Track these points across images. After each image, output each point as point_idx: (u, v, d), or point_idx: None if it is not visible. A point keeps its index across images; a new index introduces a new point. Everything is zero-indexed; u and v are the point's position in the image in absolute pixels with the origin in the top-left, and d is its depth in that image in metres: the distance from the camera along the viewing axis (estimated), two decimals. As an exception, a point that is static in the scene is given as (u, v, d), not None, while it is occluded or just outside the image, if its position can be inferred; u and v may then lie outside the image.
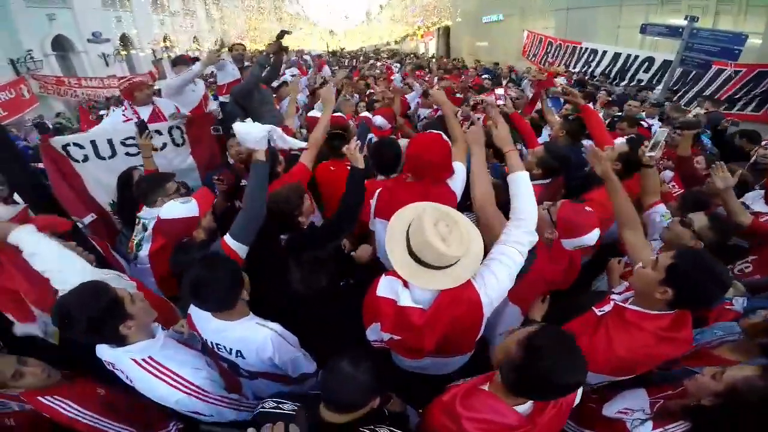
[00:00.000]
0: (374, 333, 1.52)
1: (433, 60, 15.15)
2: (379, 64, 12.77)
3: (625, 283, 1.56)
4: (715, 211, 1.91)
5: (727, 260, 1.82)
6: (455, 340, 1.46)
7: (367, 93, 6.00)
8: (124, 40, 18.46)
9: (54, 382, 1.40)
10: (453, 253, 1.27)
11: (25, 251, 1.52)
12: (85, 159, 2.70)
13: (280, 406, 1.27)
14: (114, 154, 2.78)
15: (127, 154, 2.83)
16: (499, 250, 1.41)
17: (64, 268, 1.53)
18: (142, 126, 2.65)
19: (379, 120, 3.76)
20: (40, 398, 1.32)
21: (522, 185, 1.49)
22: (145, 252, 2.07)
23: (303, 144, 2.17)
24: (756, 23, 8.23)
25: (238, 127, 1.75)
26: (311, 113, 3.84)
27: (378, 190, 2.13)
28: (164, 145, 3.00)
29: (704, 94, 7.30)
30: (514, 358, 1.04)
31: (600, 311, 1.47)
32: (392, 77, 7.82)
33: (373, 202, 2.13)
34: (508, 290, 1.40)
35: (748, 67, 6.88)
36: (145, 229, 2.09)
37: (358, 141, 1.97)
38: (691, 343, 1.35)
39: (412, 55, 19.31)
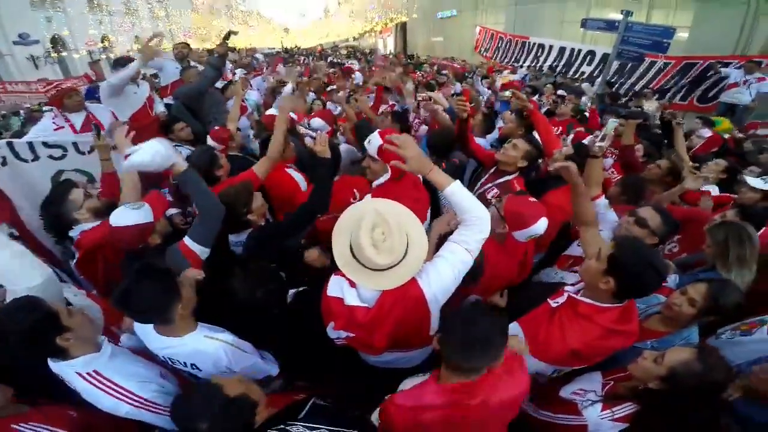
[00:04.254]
0: (332, 332, 1.52)
1: (391, 56, 15.21)
2: (336, 61, 12.66)
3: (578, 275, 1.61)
4: (659, 205, 2.00)
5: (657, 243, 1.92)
6: (406, 336, 1.48)
7: (327, 89, 5.92)
8: (56, 42, 17.11)
9: (16, 411, 1.34)
10: (381, 261, 1.28)
11: None
12: (3, 163, 2.44)
13: None
14: (37, 157, 2.54)
15: (51, 157, 2.59)
16: (447, 248, 1.43)
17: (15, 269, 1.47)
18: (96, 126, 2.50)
19: (316, 122, 3.69)
20: (14, 426, 1.27)
21: (459, 195, 1.37)
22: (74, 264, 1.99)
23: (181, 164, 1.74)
24: (686, 17, 8.96)
25: (135, 159, 1.52)
26: (269, 112, 3.72)
27: (369, 195, 2.11)
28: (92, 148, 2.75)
29: (639, 84, 7.88)
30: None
31: (555, 303, 1.53)
32: (353, 75, 7.71)
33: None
34: (454, 286, 1.41)
35: (677, 59, 7.50)
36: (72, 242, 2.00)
37: (322, 132, 1.96)
38: (637, 335, 1.43)
39: (368, 52, 19.25)
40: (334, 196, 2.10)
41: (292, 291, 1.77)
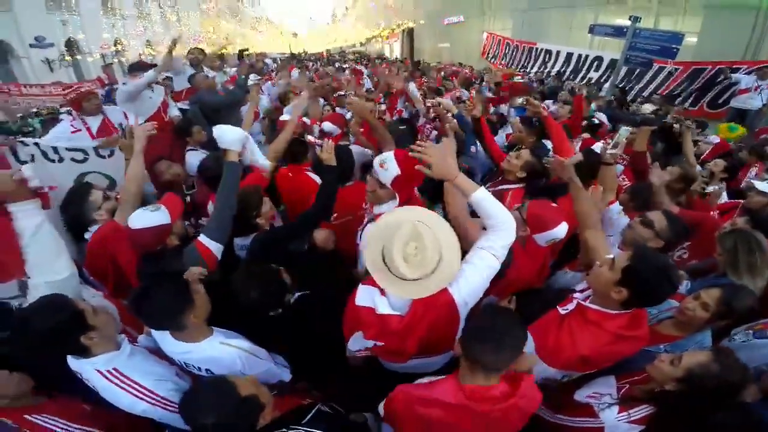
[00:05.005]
0: (357, 342, 1.52)
1: (398, 62, 15.31)
2: (346, 66, 12.75)
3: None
4: (669, 210, 2.01)
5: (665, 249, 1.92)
6: (436, 341, 1.48)
7: (336, 95, 5.98)
8: (70, 45, 17.48)
9: (32, 402, 1.37)
10: (412, 276, 1.28)
11: (24, 229, 1.44)
12: (32, 160, 2.51)
13: None
14: (62, 159, 2.61)
15: (73, 159, 2.66)
16: (474, 254, 1.43)
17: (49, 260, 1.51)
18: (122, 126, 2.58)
19: (327, 126, 3.75)
20: (27, 417, 1.29)
21: (486, 203, 1.37)
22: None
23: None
24: (694, 23, 8.89)
25: (218, 127, 1.81)
26: (282, 117, 3.77)
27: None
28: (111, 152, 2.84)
29: (647, 90, 7.85)
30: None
31: (564, 310, 1.53)
32: (361, 80, 7.81)
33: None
34: (482, 291, 1.42)
35: (685, 64, 7.47)
36: None
37: (329, 141, 2.02)
38: (647, 340, 1.44)
39: (375, 57, 19.41)
40: (345, 200, 2.13)
41: (296, 294, 1.78)
